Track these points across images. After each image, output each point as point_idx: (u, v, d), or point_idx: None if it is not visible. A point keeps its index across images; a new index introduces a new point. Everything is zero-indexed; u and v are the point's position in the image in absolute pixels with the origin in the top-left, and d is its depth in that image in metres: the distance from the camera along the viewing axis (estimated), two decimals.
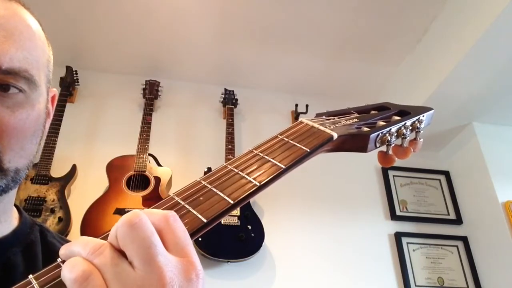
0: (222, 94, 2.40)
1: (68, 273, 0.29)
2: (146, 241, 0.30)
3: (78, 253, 0.31)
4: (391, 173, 2.41)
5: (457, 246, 2.24)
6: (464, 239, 2.25)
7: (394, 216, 2.25)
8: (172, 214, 0.33)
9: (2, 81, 0.46)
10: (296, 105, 2.45)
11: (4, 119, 0.46)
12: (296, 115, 2.43)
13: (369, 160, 2.33)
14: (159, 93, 2.29)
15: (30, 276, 0.32)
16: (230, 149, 2.10)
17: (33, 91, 0.49)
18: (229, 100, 2.36)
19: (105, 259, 0.30)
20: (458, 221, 2.31)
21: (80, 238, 0.32)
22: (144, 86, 2.30)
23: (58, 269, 0.32)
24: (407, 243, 2.19)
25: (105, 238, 0.33)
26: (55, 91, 0.60)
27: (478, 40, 1.79)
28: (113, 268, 0.29)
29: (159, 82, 2.32)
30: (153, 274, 0.29)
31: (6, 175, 0.48)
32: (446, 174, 2.46)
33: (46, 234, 0.59)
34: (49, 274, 0.32)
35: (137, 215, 0.31)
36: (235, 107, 2.36)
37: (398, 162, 0.56)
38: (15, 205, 0.59)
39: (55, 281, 0.31)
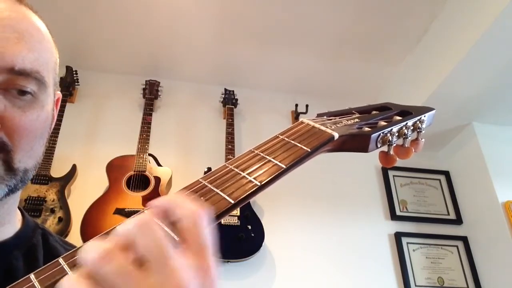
0: (222, 94, 2.40)
1: None
2: (158, 242, 0.29)
3: (84, 263, 0.29)
4: (391, 173, 2.40)
5: (457, 246, 2.24)
6: (464, 239, 2.25)
7: (394, 216, 2.25)
8: (201, 212, 0.33)
9: (16, 83, 0.46)
10: (296, 105, 2.45)
11: (15, 119, 0.47)
12: (296, 115, 2.43)
13: (369, 160, 2.33)
14: (159, 93, 2.29)
15: (31, 276, 0.31)
16: (230, 149, 2.10)
17: (43, 93, 0.50)
18: (229, 100, 2.36)
19: (114, 268, 0.28)
20: (458, 221, 2.31)
21: (86, 246, 0.30)
22: (144, 86, 2.30)
23: (59, 267, 0.32)
24: (407, 243, 2.19)
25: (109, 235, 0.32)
26: (60, 94, 0.60)
27: (478, 40, 1.79)
28: (124, 279, 0.28)
29: (159, 82, 2.32)
30: (166, 276, 0.28)
31: (15, 175, 0.48)
32: (446, 174, 2.46)
33: (48, 237, 0.59)
34: (49, 272, 0.32)
35: (147, 216, 0.31)
36: (235, 107, 2.36)
37: (398, 162, 0.56)
38: (19, 208, 0.58)
39: (55, 279, 0.31)
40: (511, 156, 2.25)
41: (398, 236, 2.19)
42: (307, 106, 2.40)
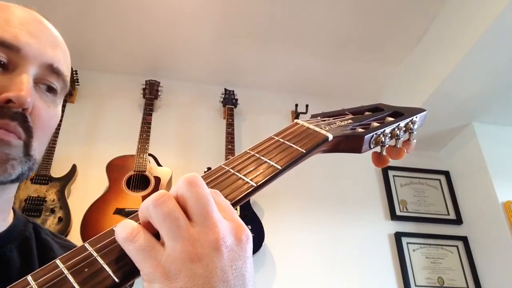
0: (222, 94, 2.40)
1: (119, 232, 0.33)
2: (204, 197, 0.33)
3: (145, 205, 0.33)
4: (391, 173, 2.40)
5: (457, 246, 2.24)
6: (464, 239, 2.25)
7: (394, 216, 2.26)
8: (217, 190, 0.37)
9: (48, 79, 0.53)
10: (296, 105, 2.45)
11: (41, 111, 0.52)
12: (296, 115, 2.43)
13: (369, 161, 2.32)
14: (159, 93, 2.30)
15: (29, 277, 0.31)
16: (230, 149, 2.10)
17: (62, 96, 0.57)
18: (229, 100, 2.36)
19: (167, 210, 0.32)
20: (458, 221, 2.31)
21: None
22: (144, 86, 2.31)
23: (57, 270, 0.32)
24: (407, 243, 2.19)
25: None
26: None
27: (478, 40, 1.79)
28: (172, 222, 0.32)
29: (159, 82, 2.32)
30: (208, 228, 0.32)
31: (29, 161, 0.50)
32: (446, 174, 2.46)
33: (39, 231, 0.60)
34: (48, 275, 0.31)
35: (195, 175, 0.35)
36: (235, 107, 2.36)
37: (398, 162, 0.57)
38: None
39: (53, 281, 0.31)
40: (511, 156, 2.25)
41: (398, 236, 2.19)
42: (307, 106, 2.40)
